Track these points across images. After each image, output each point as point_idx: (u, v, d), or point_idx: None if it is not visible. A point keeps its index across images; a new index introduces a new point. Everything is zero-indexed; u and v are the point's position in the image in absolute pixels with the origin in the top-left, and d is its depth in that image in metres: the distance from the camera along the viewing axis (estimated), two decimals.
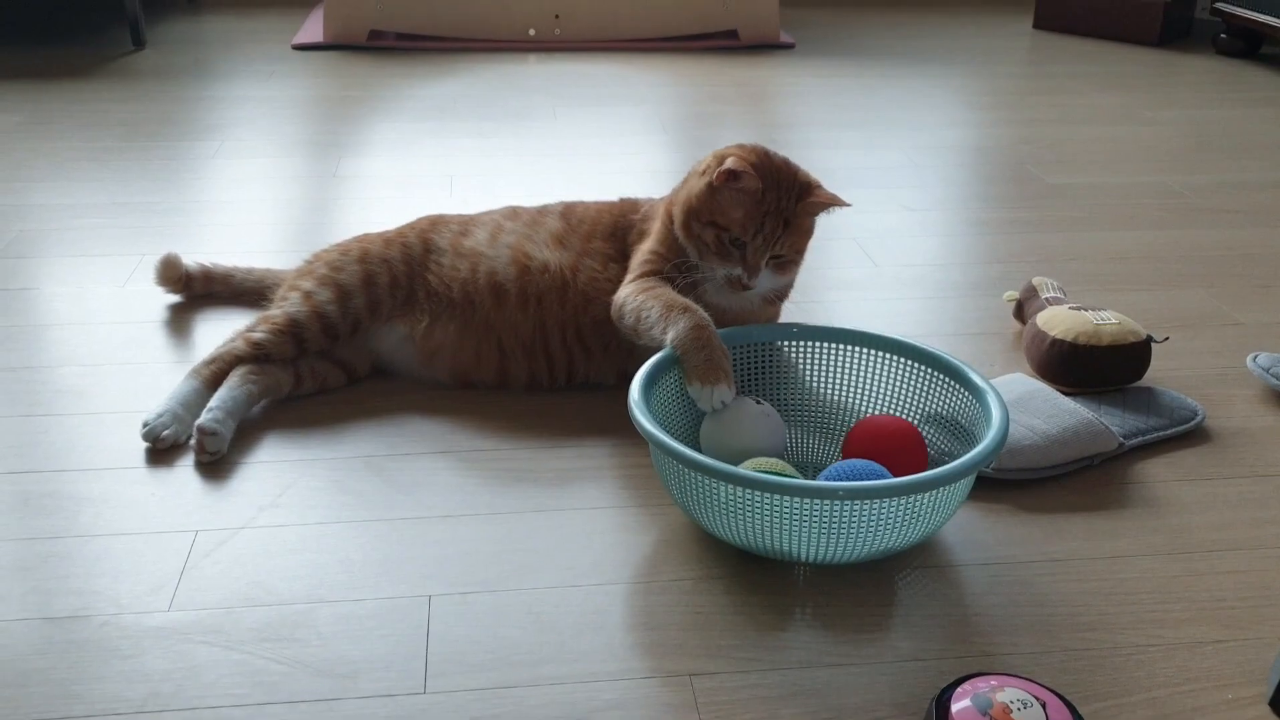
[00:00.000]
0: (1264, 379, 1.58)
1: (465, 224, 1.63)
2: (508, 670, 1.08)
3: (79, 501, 1.31)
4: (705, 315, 1.36)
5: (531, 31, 3.39)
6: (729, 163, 1.40)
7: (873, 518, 1.14)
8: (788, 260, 1.46)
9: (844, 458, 1.31)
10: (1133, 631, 1.14)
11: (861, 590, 1.20)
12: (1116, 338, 1.54)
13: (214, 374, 1.48)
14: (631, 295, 1.43)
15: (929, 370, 1.37)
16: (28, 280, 1.84)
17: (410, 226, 1.65)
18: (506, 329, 1.54)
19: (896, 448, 1.29)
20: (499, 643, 1.11)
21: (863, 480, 1.19)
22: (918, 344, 1.39)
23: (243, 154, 2.45)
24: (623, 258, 1.55)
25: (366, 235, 1.66)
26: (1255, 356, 1.61)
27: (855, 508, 1.13)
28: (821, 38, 3.57)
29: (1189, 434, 1.49)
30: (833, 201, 1.44)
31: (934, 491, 1.15)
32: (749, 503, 1.15)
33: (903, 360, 1.40)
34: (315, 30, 3.43)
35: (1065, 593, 1.20)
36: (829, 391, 1.44)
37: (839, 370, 1.44)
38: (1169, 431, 1.47)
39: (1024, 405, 1.43)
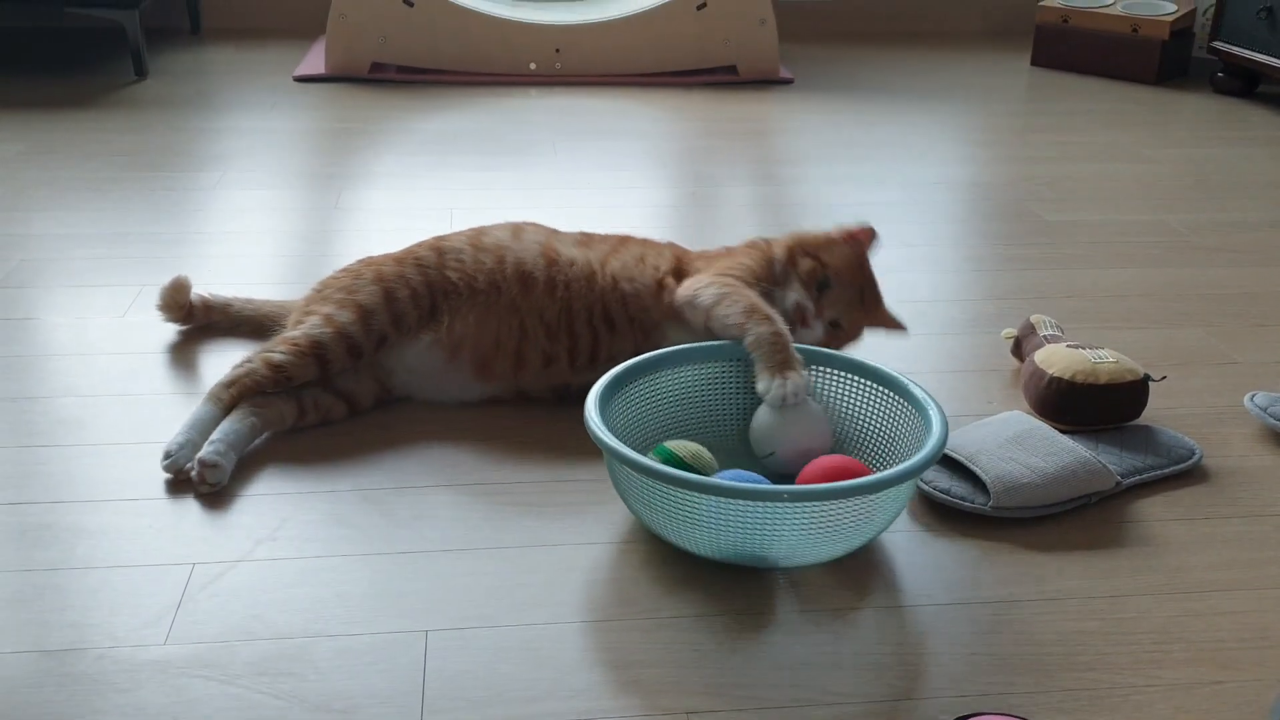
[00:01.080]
0: (1261, 418, 1.58)
1: (477, 231, 1.66)
2: (505, 706, 1.08)
3: (76, 533, 1.30)
4: (787, 328, 1.45)
5: (532, 65, 3.41)
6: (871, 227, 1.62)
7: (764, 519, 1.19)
8: (841, 332, 1.60)
9: None
10: (1130, 672, 1.14)
11: (859, 628, 1.19)
12: (1114, 376, 1.55)
13: (233, 398, 1.48)
14: (715, 284, 1.52)
15: (882, 389, 1.43)
16: (28, 310, 1.84)
17: (417, 245, 1.66)
18: (531, 311, 1.56)
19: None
20: (497, 678, 1.11)
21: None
22: (864, 360, 1.46)
23: (244, 185, 2.46)
24: (657, 258, 1.63)
25: (371, 258, 1.66)
26: (1253, 396, 1.61)
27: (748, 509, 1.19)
28: (821, 74, 3.59)
29: (1186, 473, 1.49)
30: (889, 324, 1.65)
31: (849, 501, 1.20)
32: (656, 494, 1.23)
33: (861, 380, 1.45)
34: (317, 62, 3.45)
35: (1062, 632, 1.20)
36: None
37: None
38: (1166, 470, 1.47)
39: (1021, 443, 1.43)
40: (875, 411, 1.43)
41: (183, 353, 1.72)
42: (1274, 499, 1.44)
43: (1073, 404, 1.55)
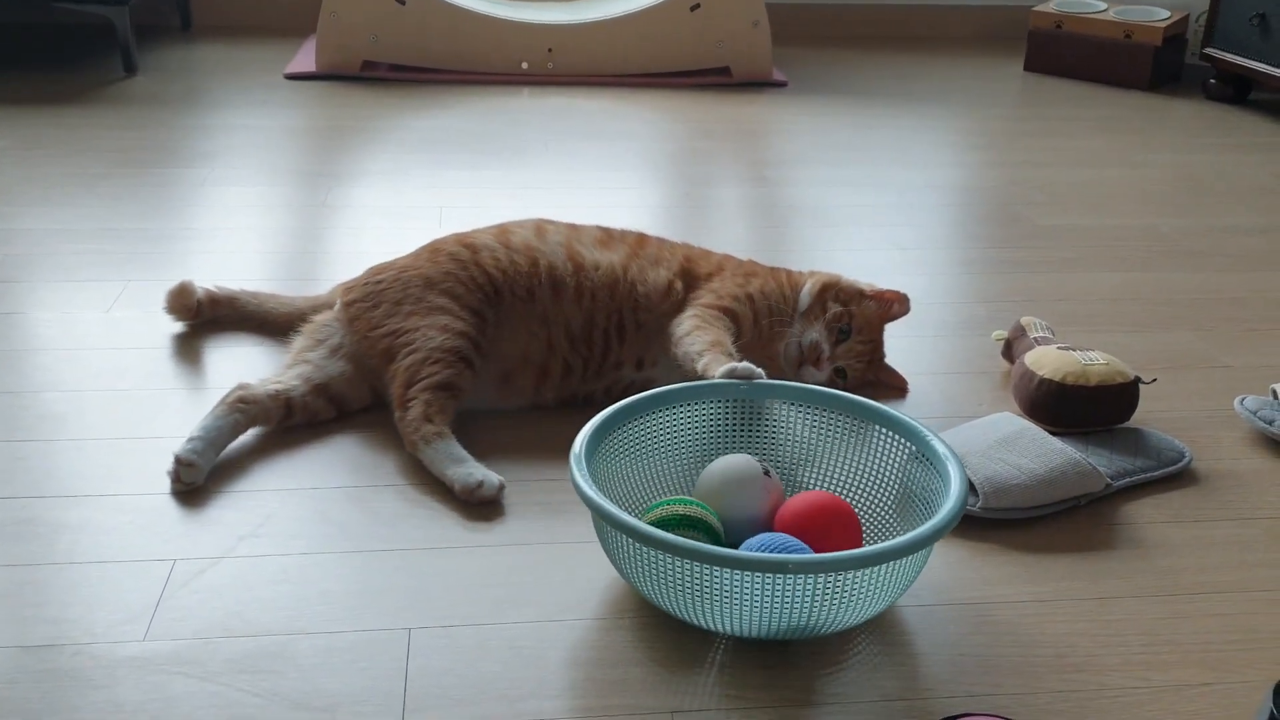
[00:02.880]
0: (1251, 422, 1.57)
1: (501, 229, 1.64)
2: (487, 705, 1.07)
3: (57, 528, 1.29)
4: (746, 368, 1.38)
5: (524, 65, 3.40)
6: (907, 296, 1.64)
7: (777, 593, 1.08)
8: (844, 383, 1.59)
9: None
10: (1119, 673, 1.14)
11: (848, 629, 1.18)
12: (1104, 378, 1.54)
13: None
14: (698, 316, 1.52)
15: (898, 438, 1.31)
16: (13, 305, 1.83)
17: (444, 242, 1.62)
18: (558, 321, 1.55)
19: (823, 524, 1.21)
20: (479, 677, 1.10)
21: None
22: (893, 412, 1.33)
23: (233, 182, 2.45)
24: (671, 259, 1.63)
25: (429, 256, 1.59)
26: (1242, 399, 1.60)
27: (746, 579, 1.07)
28: (814, 77, 3.59)
29: (1176, 475, 1.48)
30: (891, 380, 1.67)
31: (850, 573, 1.07)
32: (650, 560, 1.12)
33: (881, 430, 1.33)
34: (308, 60, 3.43)
35: (1052, 633, 1.19)
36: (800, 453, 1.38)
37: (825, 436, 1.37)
38: (1156, 473, 1.47)
39: (1011, 445, 1.42)
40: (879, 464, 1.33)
41: (169, 348, 1.71)
42: (1263, 502, 1.44)
43: (1063, 406, 1.54)
